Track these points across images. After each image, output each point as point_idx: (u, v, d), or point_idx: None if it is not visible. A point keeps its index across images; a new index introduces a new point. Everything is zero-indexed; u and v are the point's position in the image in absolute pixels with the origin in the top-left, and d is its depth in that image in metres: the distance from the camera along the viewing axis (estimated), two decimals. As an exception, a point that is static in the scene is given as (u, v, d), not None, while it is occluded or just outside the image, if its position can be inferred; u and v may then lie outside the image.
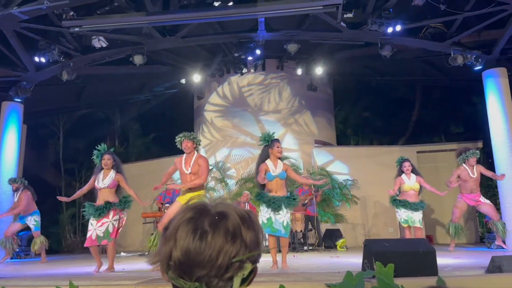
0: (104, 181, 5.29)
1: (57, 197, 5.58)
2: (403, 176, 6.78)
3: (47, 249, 7.72)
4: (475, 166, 7.16)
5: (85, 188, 5.59)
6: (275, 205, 4.92)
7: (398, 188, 6.80)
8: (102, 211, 5.15)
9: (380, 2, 7.50)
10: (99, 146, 5.45)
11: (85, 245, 5.28)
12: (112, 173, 5.34)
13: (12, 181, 7.75)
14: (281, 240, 5.30)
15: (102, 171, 5.35)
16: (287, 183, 5.26)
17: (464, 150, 7.37)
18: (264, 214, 4.97)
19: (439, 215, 11.05)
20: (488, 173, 7.43)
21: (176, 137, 5.17)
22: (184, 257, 0.78)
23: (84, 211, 5.30)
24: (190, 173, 4.95)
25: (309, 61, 11.14)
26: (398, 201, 6.74)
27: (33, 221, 7.51)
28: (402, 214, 6.68)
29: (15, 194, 7.64)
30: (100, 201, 5.28)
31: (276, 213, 4.93)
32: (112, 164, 5.35)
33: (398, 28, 7.67)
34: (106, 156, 5.35)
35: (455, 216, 7.25)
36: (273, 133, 5.36)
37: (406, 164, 6.80)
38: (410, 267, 3.33)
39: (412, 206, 6.62)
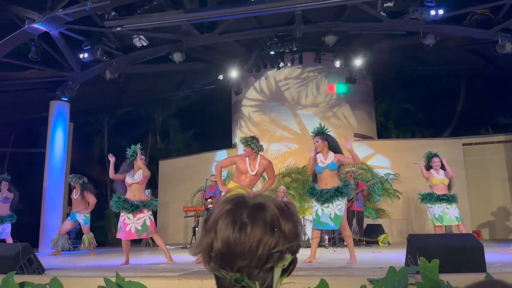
0: (134, 177, 5.60)
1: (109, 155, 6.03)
2: (432, 170, 6.44)
3: (95, 246, 7.95)
4: None
5: (115, 174, 5.86)
6: (322, 198, 4.93)
7: (427, 177, 6.43)
8: (136, 208, 5.38)
9: (421, -11, 7.25)
10: (129, 148, 5.77)
11: (123, 237, 5.41)
12: (141, 170, 5.63)
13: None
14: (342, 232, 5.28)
15: (133, 168, 5.67)
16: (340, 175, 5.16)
17: None
18: (314, 209, 5.07)
19: (486, 210, 10.61)
20: None
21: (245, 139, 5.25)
22: (225, 248, 0.80)
23: (114, 204, 5.49)
24: (255, 174, 5.17)
25: (348, 52, 10.93)
26: (430, 196, 6.31)
27: (83, 216, 7.80)
28: (437, 209, 6.21)
29: (76, 192, 7.87)
30: (131, 197, 5.49)
31: (325, 206, 4.93)
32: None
33: (441, 12, 7.33)
34: (139, 154, 5.71)
35: None
36: (326, 129, 5.26)
37: (436, 159, 6.42)
38: (456, 263, 3.21)
39: (447, 198, 6.20)
